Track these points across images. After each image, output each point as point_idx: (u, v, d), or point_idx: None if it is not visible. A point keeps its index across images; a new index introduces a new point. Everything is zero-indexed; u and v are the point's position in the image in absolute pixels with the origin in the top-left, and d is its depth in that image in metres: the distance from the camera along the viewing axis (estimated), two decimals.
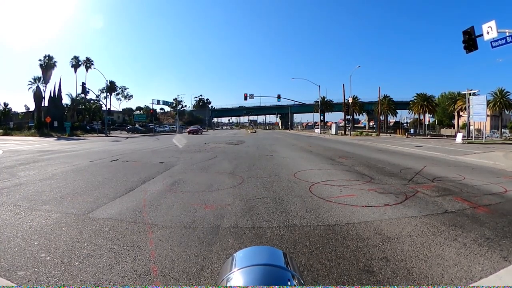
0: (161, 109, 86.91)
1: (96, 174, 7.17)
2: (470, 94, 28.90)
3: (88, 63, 63.72)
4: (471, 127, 30.76)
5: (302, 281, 0.54)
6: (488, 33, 12.53)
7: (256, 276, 0.52)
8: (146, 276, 2.35)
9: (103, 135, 35.58)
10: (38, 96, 42.34)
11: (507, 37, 12.20)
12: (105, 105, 50.79)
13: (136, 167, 8.31)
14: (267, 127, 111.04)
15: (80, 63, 63.52)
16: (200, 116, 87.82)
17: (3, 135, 34.24)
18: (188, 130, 43.36)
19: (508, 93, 42.95)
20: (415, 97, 51.42)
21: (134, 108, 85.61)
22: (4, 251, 2.75)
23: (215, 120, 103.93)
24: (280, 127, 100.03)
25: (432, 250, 2.89)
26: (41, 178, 6.56)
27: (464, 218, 3.96)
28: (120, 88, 77.06)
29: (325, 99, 63.42)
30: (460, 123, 50.13)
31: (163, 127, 59.49)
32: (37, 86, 49.63)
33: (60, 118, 37.80)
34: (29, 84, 55.72)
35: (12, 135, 33.57)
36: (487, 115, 29.29)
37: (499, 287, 2.32)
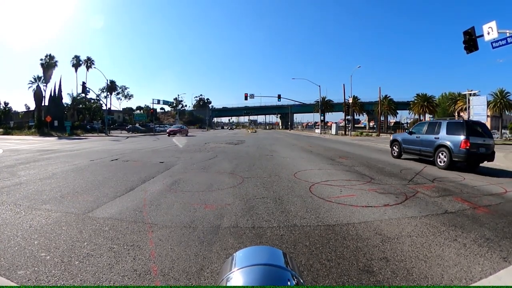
0: (162, 108, 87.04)
1: (96, 173, 7.17)
2: (470, 94, 28.89)
3: (89, 63, 63.86)
4: None
5: (302, 281, 0.54)
6: (488, 33, 12.53)
7: (256, 276, 0.52)
8: (146, 275, 2.35)
9: (103, 134, 35.58)
10: (38, 96, 42.37)
11: (508, 38, 12.20)
12: (106, 105, 50.64)
13: (136, 167, 8.32)
14: (268, 127, 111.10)
15: (80, 62, 63.69)
16: (201, 116, 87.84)
17: (3, 134, 34.27)
18: (168, 130, 35.80)
19: (509, 94, 42.92)
20: (415, 98, 51.47)
21: (134, 107, 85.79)
22: (4, 250, 2.75)
23: (215, 120, 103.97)
24: (281, 127, 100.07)
25: (432, 251, 2.89)
26: (41, 177, 6.57)
27: (464, 218, 3.96)
28: (120, 88, 77.28)
29: (326, 99, 63.50)
30: None
31: (164, 126, 59.47)
32: (38, 86, 49.75)
33: (60, 117, 37.85)
34: (29, 84, 55.82)
35: (12, 134, 33.61)
36: (487, 116, 29.28)
37: (498, 287, 2.32)
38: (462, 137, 8.42)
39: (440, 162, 8.91)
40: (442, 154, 8.92)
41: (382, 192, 5.46)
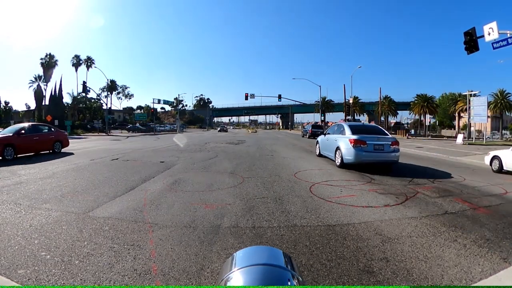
0: (162, 108, 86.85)
1: (96, 173, 7.17)
2: (470, 95, 28.86)
3: (89, 62, 63.76)
4: (472, 128, 30.71)
5: (302, 281, 0.54)
6: (489, 34, 12.51)
7: (256, 276, 0.52)
8: (146, 275, 2.36)
9: (104, 134, 35.58)
10: (39, 95, 42.42)
11: (508, 39, 12.17)
12: (106, 104, 50.58)
13: (136, 166, 8.32)
14: (268, 127, 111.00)
15: (81, 62, 63.56)
16: (201, 116, 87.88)
17: None
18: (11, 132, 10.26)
19: (509, 94, 42.85)
20: (415, 98, 51.31)
21: (135, 107, 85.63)
22: (5, 250, 2.76)
23: (215, 119, 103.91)
24: (281, 127, 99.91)
25: (432, 251, 2.89)
26: (41, 176, 6.57)
27: (464, 219, 3.96)
28: (121, 87, 77.12)
29: (326, 99, 63.37)
30: (461, 124, 50.01)
31: (164, 126, 59.56)
32: (38, 85, 49.78)
33: (60, 116, 37.84)
34: (30, 83, 55.76)
35: None
36: (488, 116, 29.26)
37: (498, 287, 2.32)
38: (310, 128, 31.50)
39: (306, 136, 30.15)
40: (306, 134, 30.66)
41: (382, 192, 5.46)
